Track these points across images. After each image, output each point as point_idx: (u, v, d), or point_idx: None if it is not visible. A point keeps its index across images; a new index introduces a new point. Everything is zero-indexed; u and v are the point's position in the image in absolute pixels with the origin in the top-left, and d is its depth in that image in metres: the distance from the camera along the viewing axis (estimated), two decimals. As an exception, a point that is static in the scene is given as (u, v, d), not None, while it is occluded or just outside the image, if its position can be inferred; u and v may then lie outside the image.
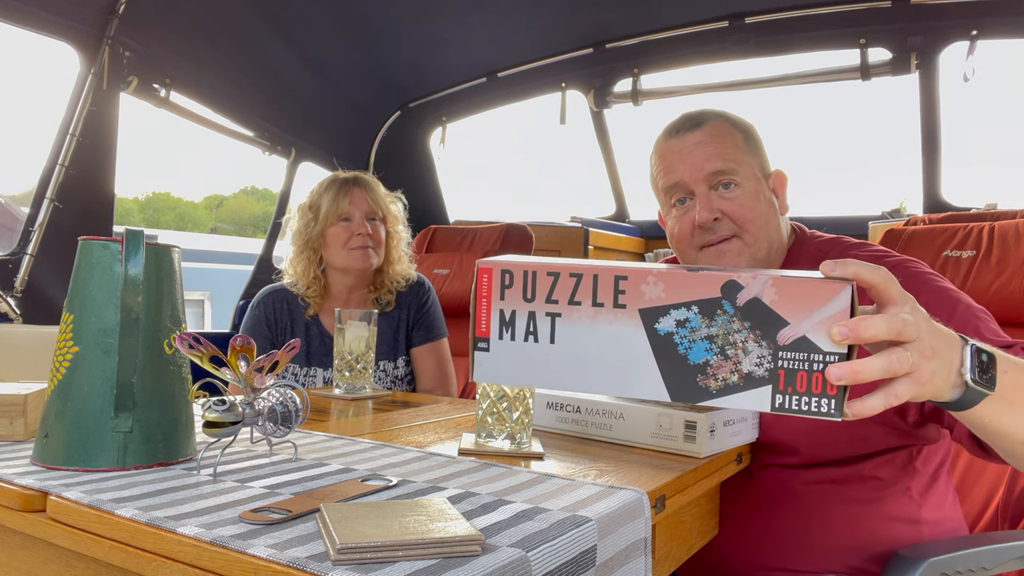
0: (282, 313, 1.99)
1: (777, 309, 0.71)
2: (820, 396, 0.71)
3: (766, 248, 1.23)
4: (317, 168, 3.26)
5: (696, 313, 0.74)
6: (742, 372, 0.73)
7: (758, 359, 0.72)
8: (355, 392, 1.60)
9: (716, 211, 1.21)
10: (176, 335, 0.92)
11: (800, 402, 0.71)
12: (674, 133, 1.26)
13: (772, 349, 0.72)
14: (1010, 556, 1.14)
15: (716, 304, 0.73)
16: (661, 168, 1.27)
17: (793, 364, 0.71)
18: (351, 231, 1.95)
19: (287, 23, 2.67)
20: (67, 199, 2.26)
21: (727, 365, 0.74)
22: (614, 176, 3.50)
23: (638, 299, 0.75)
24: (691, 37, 2.81)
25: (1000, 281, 1.56)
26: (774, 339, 0.72)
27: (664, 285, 0.75)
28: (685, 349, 0.75)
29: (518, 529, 0.69)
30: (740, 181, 1.22)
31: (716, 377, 0.74)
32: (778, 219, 1.27)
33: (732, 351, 0.73)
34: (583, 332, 0.78)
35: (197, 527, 0.66)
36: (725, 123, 1.25)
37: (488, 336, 0.80)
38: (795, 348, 0.71)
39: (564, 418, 1.20)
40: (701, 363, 0.74)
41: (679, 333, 0.75)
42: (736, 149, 1.23)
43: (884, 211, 2.79)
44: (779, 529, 1.22)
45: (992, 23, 2.36)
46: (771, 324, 0.72)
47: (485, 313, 0.81)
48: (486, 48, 3.08)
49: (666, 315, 0.75)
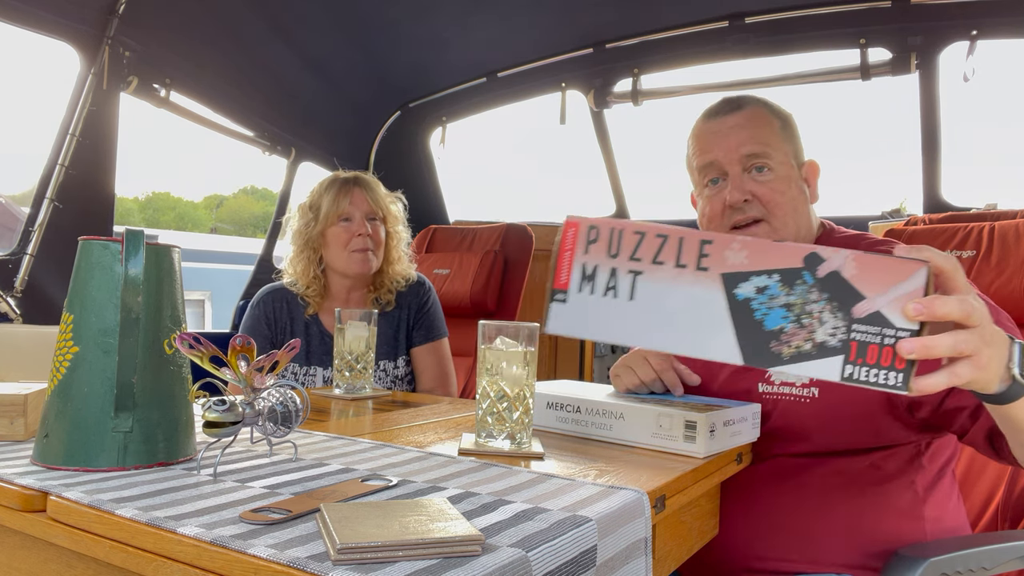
0: (281, 312, 1.99)
1: (855, 283, 0.75)
2: (888, 369, 0.74)
3: (793, 235, 1.25)
4: (317, 168, 3.26)
5: (777, 281, 0.78)
6: (816, 341, 0.76)
7: (832, 329, 0.76)
8: (355, 392, 1.59)
9: (747, 192, 1.23)
10: (176, 335, 0.92)
11: (869, 374, 0.74)
12: (713, 115, 1.29)
13: (847, 321, 0.75)
14: (1010, 556, 1.14)
15: (797, 274, 0.77)
16: (697, 148, 1.30)
17: (866, 337, 0.74)
18: (351, 231, 1.95)
19: (287, 23, 2.67)
20: (67, 199, 2.26)
21: (802, 333, 0.77)
22: (614, 176, 3.49)
23: (721, 263, 0.79)
24: (691, 37, 2.81)
25: (1000, 281, 1.56)
26: (849, 311, 0.75)
27: (748, 252, 0.79)
28: (762, 315, 0.78)
29: (518, 529, 0.69)
30: (773, 166, 1.24)
31: (790, 344, 0.77)
32: (808, 208, 1.29)
33: (808, 320, 0.77)
34: (663, 291, 0.81)
35: (197, 527, 0.66)
36: (764, 108, 1.28)
37: (567, 288, 0.84)
38: (869, 322, 0.74)
39: (564, 418, 1.20)
40: (776, 329, 0.78)
41: (758, 299, 0.78)
42: (772, 134, 1.25)
43: (884, 211, 2.79)
44: (782, 521, 1.22)
45: (992, 23, 2.36)
46: (848, 297, 0.75)
47: (567, 266, 0.84)
48: (486, 48, 3.08)
49: (747, 281, 0.79)
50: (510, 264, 2.65)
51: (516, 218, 2.98)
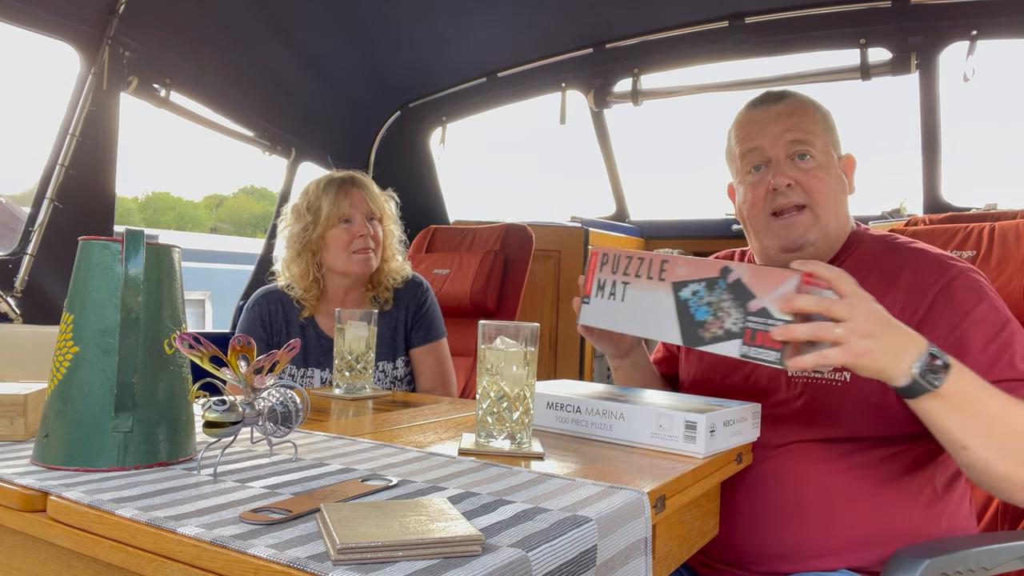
0: (277, 315, 1.98)
1: (751, 287, 1.04)
2: (770, 350, 1.01)
3: (834, 223, 1.29)
4: (317, 168, 3.26)
5: (704, 286, 1.09)
6: (725, 328, 1.07)
7: (735, 320, 1.05)
8: (355, 392, 1.59)
9: (790, 178, 1.26)
10: (176, 335, 0.92)
11: (758, 352, 1.03)
12: (757, 104, 1.34)
13: (744, 313, 1.05)
14: (1010, 556, 1.14)
15: (715, 281, 1.08)
16: (740, 136, 1.34)
17: (756, 325, 1.03)
18: (352, 233, 1.94)
19: (287, 23, 2.67)
20: (67, 199, 2.26)
21: (717, 323, 1.07)
22: (614, 176, 3.49)
23: (672, 275, 1.13)
24: (691, 37, 2.81)
25: (1000, 281, 1.55)
26: (746, 307, 1.04)
27: (688, 267, 1.12)
28: (694, 310, 1.10)
29: (518, 529, 0.69)
30: (815, 154, 1.27)
31: (709, 331, 1.08)
32: (846, 199, 1.33)
33: (721, 313, 1.07)
34: (640, 295, 1.17)
35: (197, 527, 0.66)
36: (807, 100, 1.33)
37: (591, 295, 1.23)
38: (758, 314, 1.03)
39: (564, 418, 1.20)
40: (702, 320, 1.09)
41: (692, 299, 1.10)
42: (815, 124, 1.29)
43: (884, 211, 2.79)
44: (780, 518, 1.21)
45: (992, 23, 2.36)
46: (746, 297, 1.05)
47: (590, 279, 1.23)
48: (486, 48, 3.08)
49: (686, 287, 1.11)
50: (510, 264, 2.64)
51: (516, 218, 2.98)
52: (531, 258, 2.66)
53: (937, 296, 1.18)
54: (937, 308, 1.17)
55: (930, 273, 1.20)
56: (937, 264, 1.22)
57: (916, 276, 1.21)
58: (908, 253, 1.26)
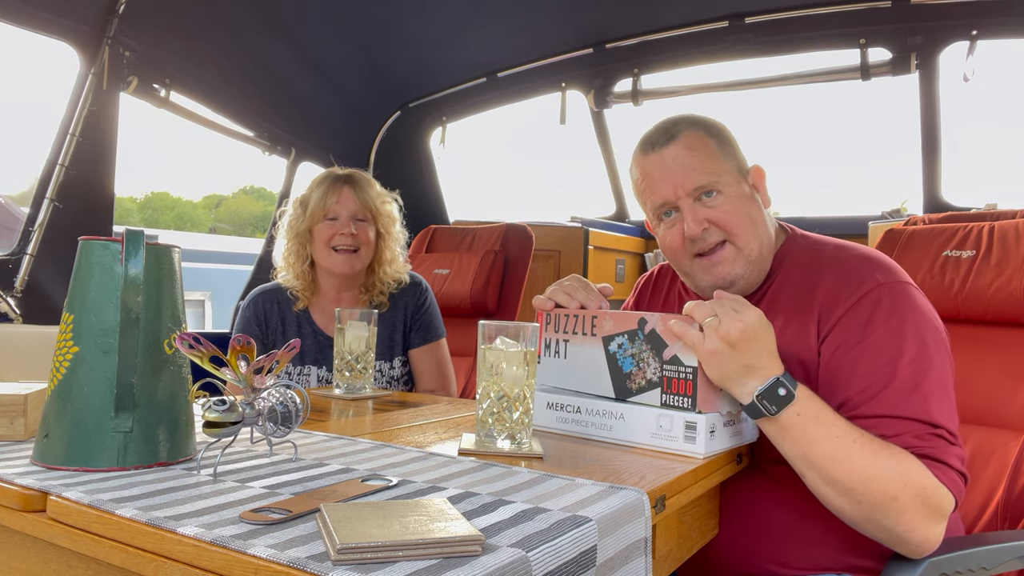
0: (272, 314, 1.98)
1: (664, 336, 1.10)
2: (684, 396, 1.08)
3: (757, 247, 1.27)
4: (317, 168, 3.26)
5: (627, 339, 1.15)
6: (647, 378, 1.12)
7: (655, 369, 1.11)
8: (355, 392, 1.59)
9: (703, 221, 1.25)
10: (176, 335, 0.92)
11: (675, 399, 1.09)
12: (651, 148, 1.29)
13: (660, 363, 1.10)
14: (1010, 556, 1.14)
15: (635, 333, 1.14)
16: (645, 185, 1.31)
17: (671, 373, 1.09)
18: (335, 229, 1.94)
19: (287, 23, 2.67)
20: (67, 199, 2.26)
21: (640, 373, 1.13)
22: (614, 176, 3.50)
23: (601, 330, 1.19)
24: (691, 37, 2.81)
25: (1000, 281, 1.55)
26: (660, 356, 1.10)
27: (613, 321, 1.18)
28: (621, 362, 1.16)
29: (518, 529, 0.69)
30: (721, 187, 1.25)
31: (635, 382, 1.13)
32: (763, 214, 1.30)
33: (643, 364, 1.12)
34: (577, 350, 1.22)
35: (197, 527, 0.66)
36: (697, 131, 1.28)
37: (541, 354, 1.26)
38: (672, 363, 1.09)
39: (564, 418, 1.20)
40: (628, 372, 1.14)
41: (619, 352, 1.16)
42: (712, 159, 1.26)
43: (884, 211, 2.79)
44: (785, 520, 1.21)
45: (992, 23, 2.36)
46: (660, 346, 1.10)
47: (539, 340, 1.24)
48: (486, 48, 3.08)
49: (613, 340, 1.17)
50: (510, 264, 2.64)
51: (516, 218, 2.98)
52: (531, 258, 2.66)
53: (846, 313, 1.16)
54: (842, 325, 1.16)
55: (844, 287, 1.18)
56: (853, 277, 1.19)
57: (831, 291, 1.19)
58: (828, 264, 1.24)
